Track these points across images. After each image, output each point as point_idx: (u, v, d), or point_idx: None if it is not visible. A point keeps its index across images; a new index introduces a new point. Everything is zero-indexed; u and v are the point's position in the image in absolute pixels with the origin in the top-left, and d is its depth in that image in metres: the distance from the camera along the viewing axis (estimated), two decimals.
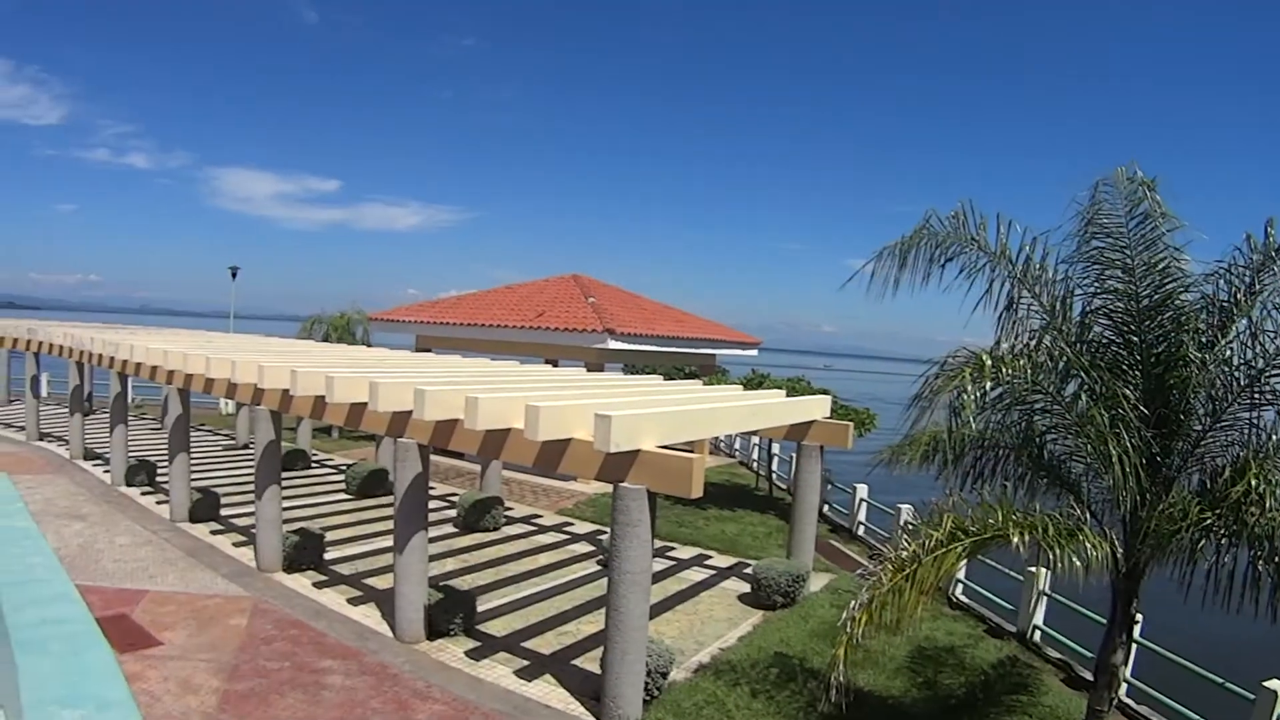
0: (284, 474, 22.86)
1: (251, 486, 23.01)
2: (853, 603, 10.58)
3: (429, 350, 36.82)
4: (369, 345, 41.00)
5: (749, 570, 20.70)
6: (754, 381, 31.77)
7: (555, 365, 30.77)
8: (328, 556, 20.81)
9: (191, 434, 25.58)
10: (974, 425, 11.49)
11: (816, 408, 21.34)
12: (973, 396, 10.58)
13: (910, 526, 15.79)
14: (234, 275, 57.27)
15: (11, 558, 4.27)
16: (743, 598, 19.85)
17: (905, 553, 10.61)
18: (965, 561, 11.97)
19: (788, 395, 22.24)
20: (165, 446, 26.85)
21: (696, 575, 21.63)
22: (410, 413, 15.60)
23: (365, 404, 16.51)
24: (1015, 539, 10.23)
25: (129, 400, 29.97)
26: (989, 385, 10.73)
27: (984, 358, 10.85)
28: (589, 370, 30.01)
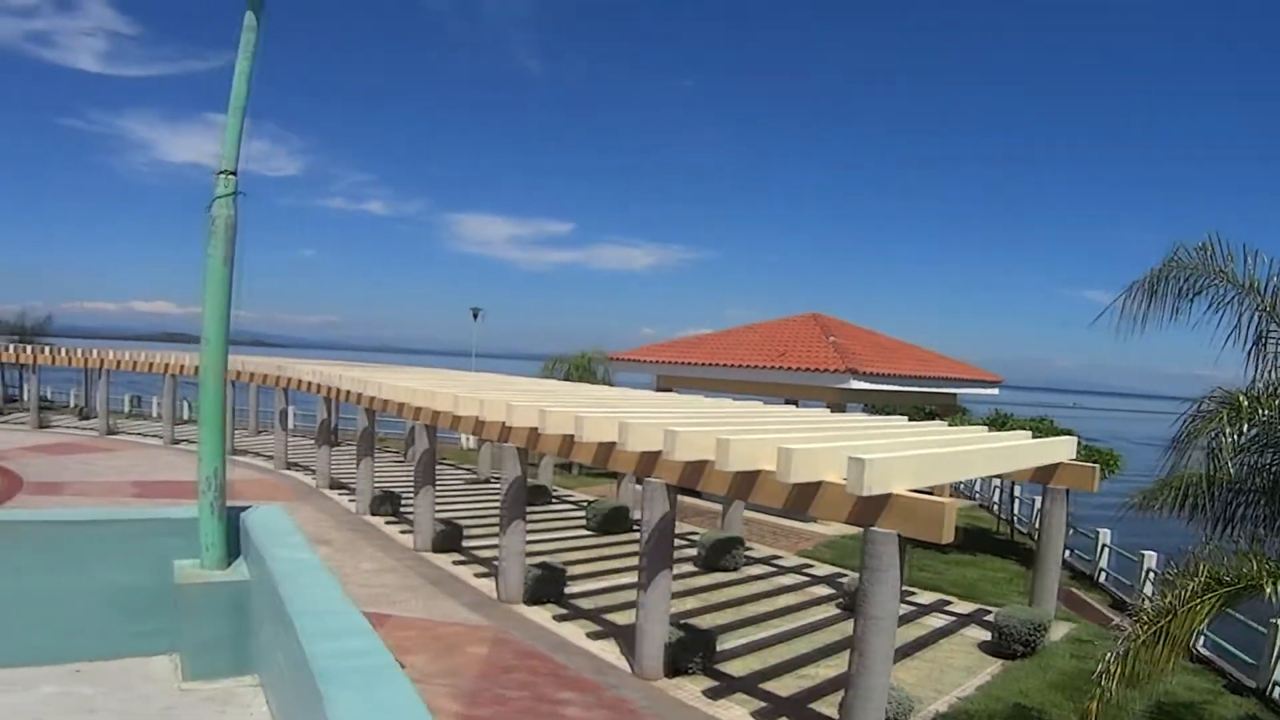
0: (527, 508, 23.47)
1: (493, 520, 23.68)
2: (1108, 655, 10.28)
3: (669, 390, 37.17)
4: (610, 384, 41.70)
5: (989, 617, 20.25)
6: (997, 422, 31.06)
7: (796, 405, 30.71)
8: (568, 590, 21.13)
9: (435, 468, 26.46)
10: (1230, 469, 11.06)
11: (1062, 449, 20.75)
12: (1230, 439, 10.22)
13: (1162, 575, 15.24)
14: (476, 316, 59.01)
15: (301, 589, 4.61)
16: (982, 645, 19.37)
17: (1159, 604, 10.27)
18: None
19: (1032, 436, 21.70)
20: (407, 478, 27.84)
21: (936, 621, 21.21)
22: (659, 453, 15.78)
23: (614, 443, 16.78)
24: (1269, 589, 9.81)
25: (374, 434, 31.20)
26: (1245, 426, 10.36)
27: (1240, 398, 10.47)
28: (831, 410, 29.82)
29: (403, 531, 26.25)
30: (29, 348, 55.87)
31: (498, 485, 35.37)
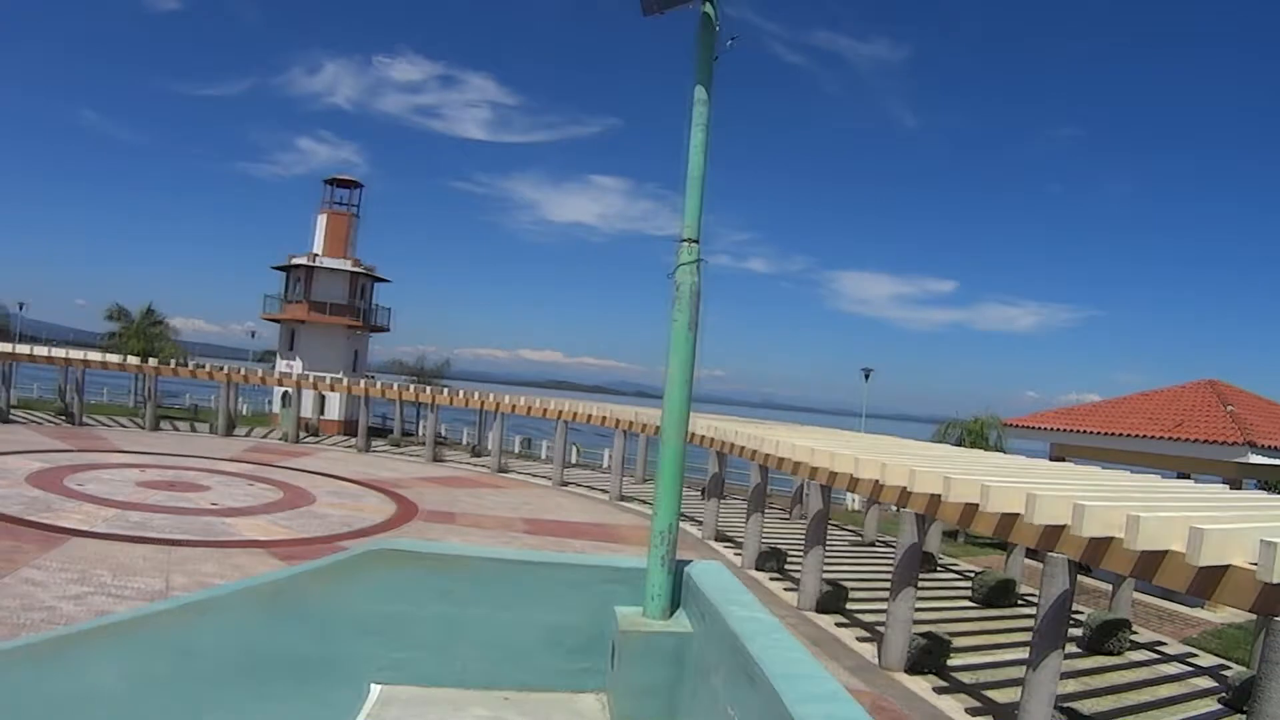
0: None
1: (877, 584, 23.48)
2: None
3: (1063, 459, 35.94)
4: (1002, 450, 40.83)
5: None
6: None
7: (1190, 478, 29.13)
8: (950, 662, 20.74)
9: None
10: None
11: None
12: None
13: None
14: (867, 377, 59.14)
15: (770, 649, 4.70)
16: None
17: None
18: None
19: None
20: (791, 535, 27.96)
21: None
22: (1064, 527, 15.33)
23: (1017, 514, 16.38)
24: None
25: (765, 490, 31.51)
26: None
27: None
28: (1229, 486, 28.07)
29: (786, 589, 26.38)
30: (428, 389, 59.93)
31: (884, 549, 35.19)
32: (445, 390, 61.22)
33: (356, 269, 67.30)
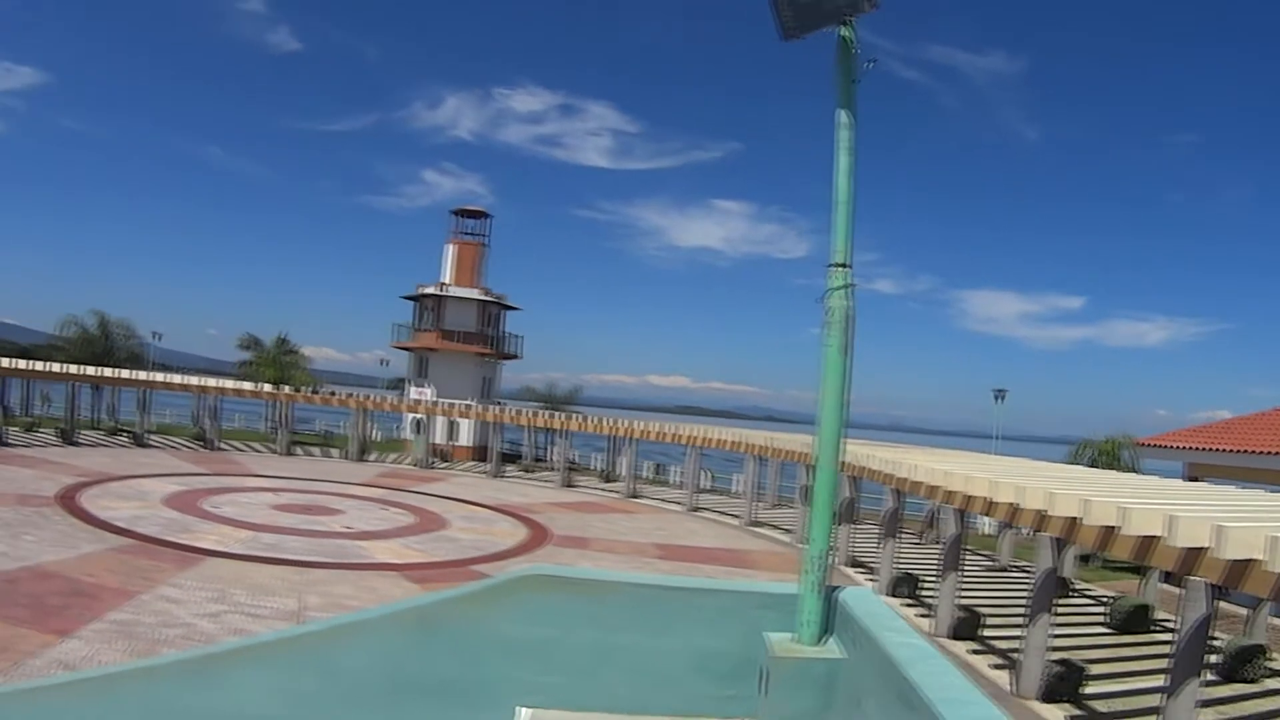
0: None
1: (1010, 610, 23.08)
2: None
3: (1197, 479, 34.97)
4: (1136, 471, 39.93)
5: None
6: None
7: None
8: (1085, 691, 20.23)
9: None
10: None
11: None
12: None
13: None
14: (999, 398, 58.39)
15: (930, 676, 4.65)
16: None
17: None
18: None
19: None
20: (924, 560, 27.58)
21: None
22: (1204, 549, 14.93)
23: (1156, 537, 16.00)
24: None
25: (900, 515, 31.15)
26: None
27: None
28: None
29: (919, 615, 26.00)
30: (559, 414, 60.42)
31: (1017, 574, 34.57)
32: (576, 416, 61.72)
33: (486, 297, 68.26)
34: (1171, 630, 16.40)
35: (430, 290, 67.78)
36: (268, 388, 61.07)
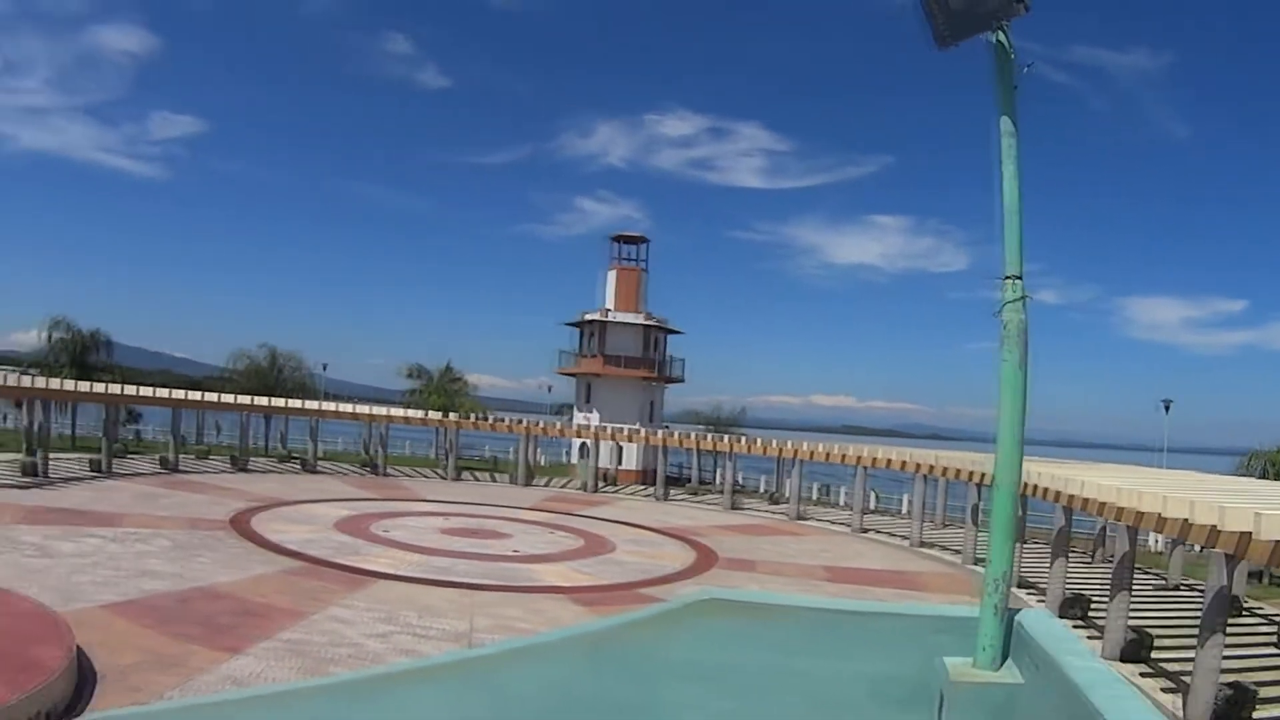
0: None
1: (1180, 631, 22.23)
2: None
3: None
4: None
5: None
6: None
7: None
8: (1255, 715, 19.37)
9: None
10: None
11: None
12: None
13: None
14: (1167, 409, 56.62)
15: (1112, 701, 4.46)
16: None
17: None
18: None
19: None
20: (1092, 579, 26.70)
21: None
22: None
23: None
24: None
25: (1069, 533, 30.30)
26: None
27: None
28: None
29: (1090, 637, 25.17)
30: (724, 437, 60.32)
31: (1188, 593, 33.34)
32: (742, 438, 61.57)
33: (648, 322, 68.81)
34: None
35: (593, 316, 68.53)
36: (435, 415, 62.28)
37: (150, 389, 57.48)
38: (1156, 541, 44.06)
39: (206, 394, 59.78)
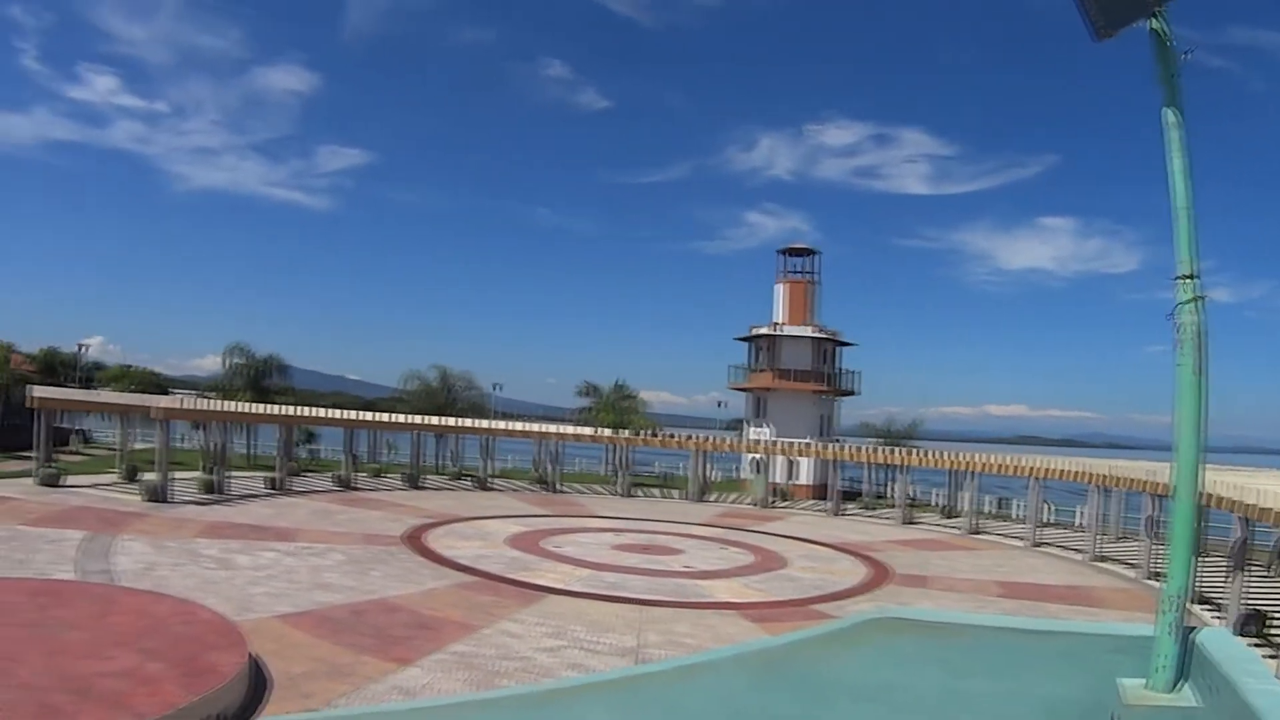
0: None
1: None
2: None
3: None
4: None
5: None
6: None
7: None
8: None
9: None
10: None
11: None
12: None
13: None
14: None
15: None
16: None
17: None
18: None
19: None
20: (1271, 594, 25.41)
21: None
22: None
23: None
24: None
25: (1248, 545, 28.94)
26: None
27: None
28: None
29: (1267, 655, 23.80)
30: (897, 450, 59.41)
31: None
32: (915, 451, 60.62)
33: (819, 334, 68.22)
34: None
35: (764, 330, 68.28)
36: (607, 432, 62.71)
37: (325, 410, 59.17)
38: None
39: (380, 414, 61.35)
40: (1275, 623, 25.74)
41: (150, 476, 41.85)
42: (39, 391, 46.23)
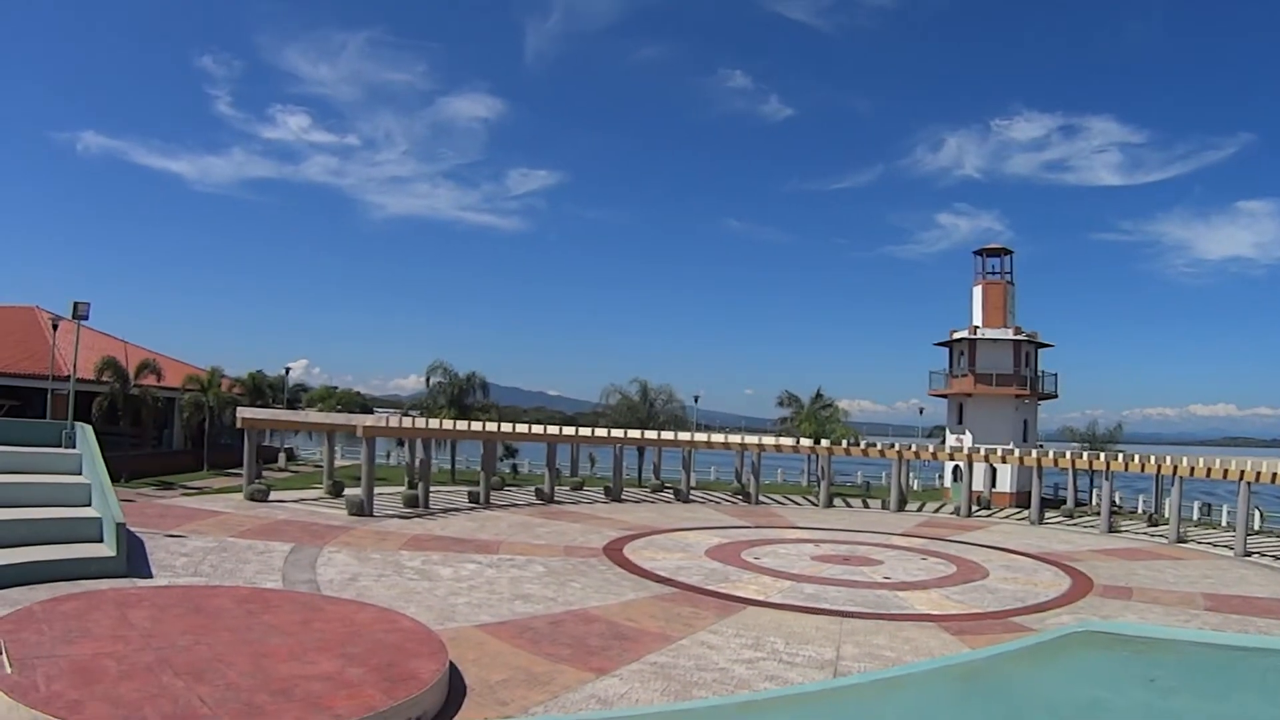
0: None
1: None
2: None
3: None
4: None
5: None
6: None
7: None
8: None
9: None
10: None
11: None
12: None
13: None
14: None
15: None
16: None
17: None
18: None
19: None
20: None
21: None
22: None
23: None
24: None
25: None
26: None
27: None
28: None
29: None
30: (1100, 455, 57.49)
31: None
32: (1118, 455, 58.61)
33: (1018, 337, 66.73)
34: None
35: (962, 334, 67.16)
36: (806, 442, 62.28)
37: (526, 426, 59.95)
38: None
39: (580, 429, 61.91)
40: None
41: (354, 491, 43.18)
42: (246, 412, 48.56)
